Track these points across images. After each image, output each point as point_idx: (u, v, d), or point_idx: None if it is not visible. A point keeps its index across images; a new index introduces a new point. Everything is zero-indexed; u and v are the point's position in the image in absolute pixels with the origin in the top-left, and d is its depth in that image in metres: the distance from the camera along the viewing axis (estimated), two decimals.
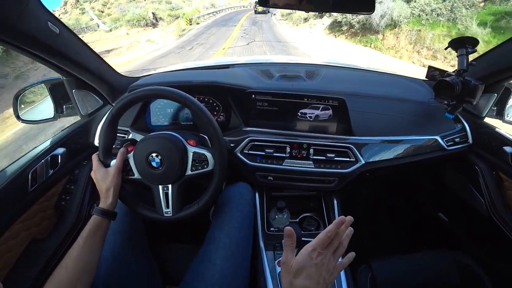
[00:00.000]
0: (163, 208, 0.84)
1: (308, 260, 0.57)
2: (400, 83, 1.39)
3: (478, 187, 1.13)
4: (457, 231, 1.32)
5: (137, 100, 0.85)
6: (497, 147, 1.06)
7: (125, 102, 0.82)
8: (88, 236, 0.73)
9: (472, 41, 1.01)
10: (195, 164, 0.82)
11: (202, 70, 1.45)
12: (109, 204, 0.79)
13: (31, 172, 0.90)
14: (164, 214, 0.85)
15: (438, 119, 1.15)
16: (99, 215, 0.76)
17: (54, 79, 1.11)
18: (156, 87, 0.84)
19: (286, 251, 0.61)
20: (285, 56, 7.87)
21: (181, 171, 0.82)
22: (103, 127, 0.83)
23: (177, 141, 0.81)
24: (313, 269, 0.56)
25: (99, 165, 0.83)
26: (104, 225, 0.77)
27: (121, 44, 15.77)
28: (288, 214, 1.17)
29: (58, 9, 40.41)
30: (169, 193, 0.83)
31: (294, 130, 1.13)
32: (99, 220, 0.75)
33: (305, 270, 0.56)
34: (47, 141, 1.03)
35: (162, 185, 0.83)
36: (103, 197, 0.80)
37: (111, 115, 0.82)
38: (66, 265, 0.68)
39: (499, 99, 1.11)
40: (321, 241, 0.59)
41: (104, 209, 0.77)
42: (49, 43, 0.82)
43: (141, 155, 0.81)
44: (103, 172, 0.81)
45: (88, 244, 0.72)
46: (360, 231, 1.62)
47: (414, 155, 1.13)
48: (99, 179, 0.81)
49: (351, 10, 1.17)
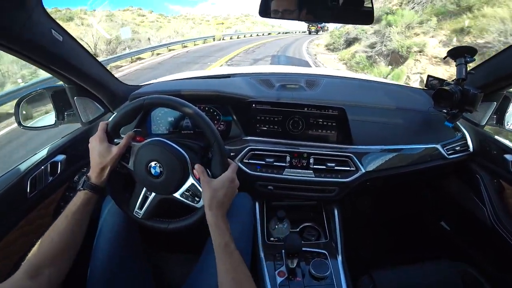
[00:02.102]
0: (136, 207, 0.84)
1: (227, 183, 0.76)
2: (399, 93, 1.39)
3: (479, 195, 1.12)
4: (459, 240, 1.30)
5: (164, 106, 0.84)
6: (498, 155, 1.06)
7: (158, 102, 0.81)
8: (77, 211, 0.71)
9: (470, 50, 1.02)
10: (186, 193, 0.80)
11: (203, 80, 1.47)
12: (101, 181, 0.76)
13: (31, 179, 0.89)
14: (134, 212, 0.84)
15: (438, 128, 1.15)
16: (90, 190, 0.74)
17: (56, 86, 1.12)
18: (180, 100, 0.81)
19: (204, 176, 0.76)
20: (286, 66, 7.94)
21: (173, 190, 0.80)
22: (127, 106, 0.81)
23: (185, 163, 0.79)
24: (230, 189, 0.76)
25: (105, 137, 0.79)
26: (93, 200, 0.74)
27: None
28: (288, 223, 1.16)
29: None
30: (149, 199, 0.82)
31: (294, 139, 1.13)
32: (89, 195, 0.73)
33: (223, 189, 0.74)
34: (47, 147, 1.03)
35: (147, 190, 0.82)
36: (96, 172, 0.76)
37: (142, 102, 0.80)
38: (52, 238, 0.66)
39: (498, 107, 1.12)
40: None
41: (97, 185, 0.75)
42: (52, 50, 0.83)
43: (145, 156, 0.79)
44: (105, 146, 0.77)
45: (76, 218, 0.70)
46: (362, 241, 1.62)
47: (414, 164, 1.13)
48: (98, 151, 0.76)
49: (350, 21, 1.19)
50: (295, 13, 0.94)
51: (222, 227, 0.70)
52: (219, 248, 0.68)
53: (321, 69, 4.66)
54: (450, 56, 1.06)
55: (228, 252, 0.68)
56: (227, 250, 0.68)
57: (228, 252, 0.68)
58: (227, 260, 0.67)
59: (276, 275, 0.97)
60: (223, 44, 19.78)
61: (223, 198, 0.74)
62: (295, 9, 0.93)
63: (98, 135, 0.78)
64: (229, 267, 0.66)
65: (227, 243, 0.68)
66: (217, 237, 0.69)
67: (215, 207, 0.72)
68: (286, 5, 0.94)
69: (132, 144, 0.81)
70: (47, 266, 0.63)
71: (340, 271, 0.99)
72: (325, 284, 0.94)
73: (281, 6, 0.94)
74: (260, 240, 1.09)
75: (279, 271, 0.98)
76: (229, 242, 0.69)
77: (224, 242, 0.68)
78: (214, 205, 0.72)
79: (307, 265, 0.97)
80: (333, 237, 1.13)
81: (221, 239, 0.69)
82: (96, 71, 1.08)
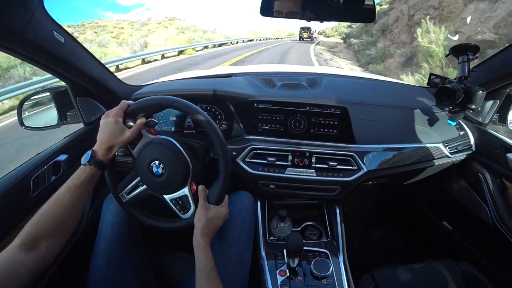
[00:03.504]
0: (124, 191, 0.86)
1: (222, 215, 0.82)
2: (401, 91, 1.39)
3: (482, 194, 1.12)
4: (461, 240, 1.30)
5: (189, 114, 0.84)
6: (500, 154, 1.06)
7: (184, 109, 0.81)
8: (81, 185, 0.71)
9: (473, 48, 1.01)
10: (176, 201, 0.82)
11: (205, 79, 1.47)
12: (107, 159, 0.77)
13: (33, 178, 0.90)
14: (119, 195, 0.86)
15: (440, 126, 1.15)
16: (96, 166, 0.74)
17: (59, 87, 1.12)
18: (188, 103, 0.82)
19: (204, 201, 0.81)
20: (287, 65, 7.92)
21: (166, 192, 0.82)
22: (155, 99, 0.82)
23: (187, 173, 0.81)
24: (221, 221, 0.82)
25: (121, 116, 0.78)
26: (97, 176, 0.75)
27: None
28: (290, 222, 1.16)
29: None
30: (139, 188, 0.85)
31: (296, 138, 1.13)
32: (94, 171, 0.73)
33: (217, 220, 0.80)
34: (50, 147, 1.03)
35: (140, 180, 0.84)
36: (103, 149, 0.75)
37: (169, 99, 0.81)
38: (54, 209, 0.66)
39: (501, 106, 1.11)
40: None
41: (103, 162, 0.75)
42: (54, 52, 0.83)
43: (152, 153, 0.80)
44: (120, 127, 0.77)
45: (79, 192, 0.71)
46: (363, 240, 1.62)
47: (416, 162, 1.12)
48: (111, 129, 0.76)
49: (352, 19, 1.19)
50: (296, 12, 0.93)
51: (209, 253, 0.74)
52: (205, 270, 0.70)
53: (323, 67, 4.63)
54: (453, 53, 1.06)
55: (212, 276, 0.71)
56: (211, 274, 0.71)
57: (212, 276, 0.71)
58: (211, 285, 0.69)
59: (277, 274, 0.97)
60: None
61: (214, 228, 0.79)
62: (296, 8, 0.93)
63: (115, 113, 0.78)
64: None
65: (212, 268, 0.72)
66: (204, 261, 0.72)
67: (206, 233, 0.76)
68: (287, 4, 0.94)
69: (144, 132, 0.82)
70: (45, 238, 0.63)
71: (341, 270, 0.99)
72: (326, 283, 0.94)
73: (282, 5, 0.94)
74: (261, 239, 1.09)
75: (280, 270, 0.98)
76: (214, 268, 0.73)
77: (211, 266, 0.72)
78: (205, 232, 0.76)
79: (308, 264, 0.97)
80: (334, 236, 1.13)
81: (207, 263, 0.72)
82: (98, 72, 1.09)
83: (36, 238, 0.62)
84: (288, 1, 0.96)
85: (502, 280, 1.01)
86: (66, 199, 0.68)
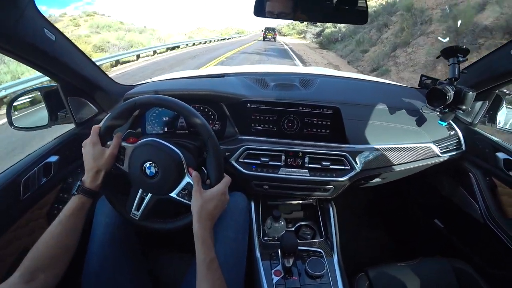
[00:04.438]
0: (133, 208, 0.83)
1: (219, 196, 0.76)
2: (393, 92, 1.40)
3: (472, 193, 1.14)
4: (453, 238, 1.32)
5: (159, 106, 0.84)
6: (490, 153, 1.08)
7: (150, 102, 0.80)
8: (72, 215, 0.70)
9: (463, 50, 1.03)
10: (183, 192, 0.80)
11: (198, 79, 1.46)
12: (96, 186, 0.75)
13: (24, 180, 0.88)
14: (131, 214, 0.84)
15: (431, 127, 1.17)
16: (84, 195, 0.73)
17: (49, 86, 1.10)
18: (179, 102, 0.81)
19: (198, 185, 0.76)
20: (280, 65, 7.94)
21: (169, 190, 0.80)
22: (118, 108, 0.80)
23: (179, 163, 0.79)
24: (220, 202, 0.76)
25: (98, 140, 0.78)
26: (87, 205, 0.74)
27: None
28: (284, 222, 1.17)
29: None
30: (145, 200, 0.82)
31: (289, 138, 1.14)
32: (83, 200, 0.73)
33: (213, 201, 0.74)
34: (41, 148, 1.01)
35: (143, 191, 0.82)
36: (90, 176, 0.75)
37: (134, 103, 0.79)
38: (47, 242, 0.66)
39: (490, 106, 1.14)
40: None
41: (91, 190, 0.74)
42: (45, 50, 0.82)
43: (140, 157, 0.79)
44: (99, 149, 0.76)
45: (71, 222, 0.70)
46: (357, 239, 1.63)
47: (408, 162, 1.14)
48: (92, 154, 0.76)
49: (344, 21, 1.20)
50: (289, 13, 0.94)
51: (208, 243, 0.70)
52: (203, 263, 0.67)
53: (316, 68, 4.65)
54: (444, 55, 1.08)
55: (212, 269, 0.68)
56: (211, 267, 0.68)
57: (212, 269, 0.68)
58: (210, 278, 0.67)
59: (272, 274, 0.97)
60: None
61: (213, 210, 0.74)
62: (288, 9, 0.93)
63: (91, 139, 0.78)
64: (211, 284, 0.66)
65: (212, 260, 0.68)
66: (203, 252, 0.68)
67: (204, 218, 0.72)
68: (280, 5, 0.94)
69: (126, 145, 0.81)
70: (42, 271, 0.63)
71: (336, 269, 1.00)
72: (321, 282, 0.94)
73: (275, 6, 0.94)
74: (256, 239, 1.09)
75: (275, 270, 0.98)
76: (214, 259, 0.69)
77: (210, 259, 0.68)
78: (203, 216, 0.72)
79: (303, 264, 0.97)
80: (328, 235, 1.13)
81: (206, 255, 0.68)
82: (90, 71, 1.07)
83: (33, 271, 0.63)
84: (281, 2, 0.96)
85: (493, 276, 1.03)
86: (59, 231, 0.68)
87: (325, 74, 1.57)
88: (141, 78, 10.05)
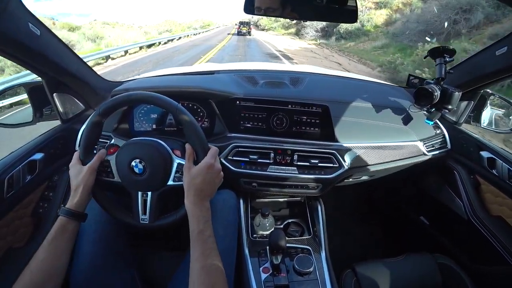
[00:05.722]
0: (140, 214, 0.82)
1: (205, 169, 0.76)
2: (381, 91, 1.42)
3: (457, 190, 1.17)
4: (438, 234, 1.35)
5: (128, 103, 0.83)
6: (474, 152, 1.10)
7: (114, 103, 0.79)
8: (54, 239, 0.68)
9: (449, 51, 1.05)
10: (178, 175, 0.80)
11: (187, 76, 1.44)
12: (75, 204, 0.74)
13: (7, 178, 0.86)
14: (141, 220, 0.82)
15: (418, 126, 1.18)
16: (65, 216, 0.71)
17: (34, 82, 1.08)
18: (153, 94, 0.80)
19: (189, 162, 0.77)
20: (270, 63, 7.92)
21: (163, 180, 0.79)
22: (87, 125, 0.80)
23: (163, 150, 0.79)
24: (208, 176, 0.76)
25: (77, 162, 0.79)
26: (71, 227, 0.71)
27: None
28: (272, 220, 1.17)
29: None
30: (148, 200, 0.81)
31: (278, 136, 1.14)
32: (64, 222, 0.71)
33: (201, 175, 0.75)
34: (25, 145, 0.99)
35: (141, 192, 0.81)
36: (71, 196, 0.75)
37: (98, 114, 0.79)
38: (31, 269, 0.64)
39: (475, 106, 1.16)
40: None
41: (71, 210, 0.72)
42: (29, 44, 0.80)
43: (124, 159, 0.78)
44: (77, 169, 0.77)
45: (54, 246, 0.68)
46: (345, 236, 1.65)
47: (395, 160, 1.15)
48: (72, 175, 0.77)
49: (334, 20, 1.20)
50: (279, 11, 0.93)
51: (197, 214, 0.71)
52: (193, 234, 0.69)
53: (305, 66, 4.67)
54: (431, 55, 1.09)
55: (201, 239, 0.69)
56: (200, 237, 0.69)
57: (201, 240, 0.69)
58: (199, 248, 0.68)
59: (260, 271, 0.97)
60: None
61: (201, 185, 0.74)
62: (278, 6, 0.93)
63: (71, 163, 0.79)
64: (200, 254, 0.67)
65: (201, 230, 0.69)
66: (192, 224, 0.71)
67: (193, 194, 0.73)
68: (270, 2, 0.94)
69: (109, 158, 0.81)
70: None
71: (323, 266, 1.01)
72: (309, 279, 0.95)
73: (265, 3, 0.93)
74: (244, 236, 1.09)
75: (263, 267, 0.98)
76: (204, 229, 0.70)
77: (198, 229, 0.69)
78: (191, 192, 0.73)
79: (291, 261, 0.98)
80: (316, 233, 1.14)
81: (195, 226, 0.70)
82: (76, 66, 1.05)
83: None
84: (271, 0, 0.95)
85: (475, 271, 1.06)
86: (42, 258, 0.66)
87: (314, 73, 1.57)
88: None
